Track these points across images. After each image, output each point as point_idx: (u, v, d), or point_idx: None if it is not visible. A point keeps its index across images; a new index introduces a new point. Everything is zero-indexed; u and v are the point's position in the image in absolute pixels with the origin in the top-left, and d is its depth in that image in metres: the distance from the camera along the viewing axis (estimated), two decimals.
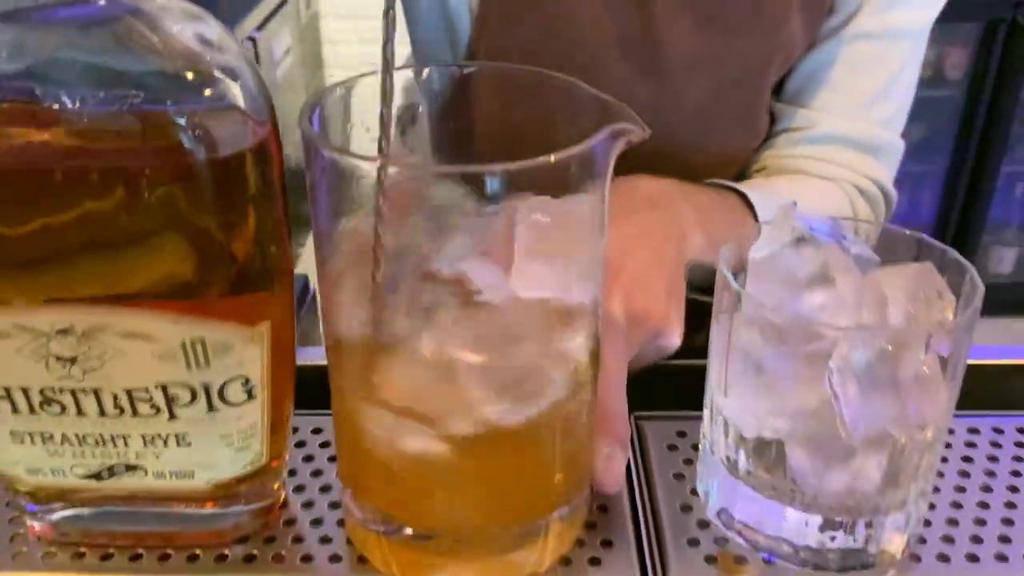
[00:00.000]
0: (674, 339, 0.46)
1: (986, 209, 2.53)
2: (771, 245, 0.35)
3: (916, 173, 2.61)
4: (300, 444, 0.43)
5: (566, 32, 0.65)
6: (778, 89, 0.71)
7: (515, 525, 0.35)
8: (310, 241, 0.33)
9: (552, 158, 0.27)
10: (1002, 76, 2.35)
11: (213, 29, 0.31)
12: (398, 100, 0.36)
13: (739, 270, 0.36)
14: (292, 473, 0.41)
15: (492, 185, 0.28)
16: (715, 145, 0.68)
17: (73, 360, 0.32)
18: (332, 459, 0.42)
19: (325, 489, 0.40)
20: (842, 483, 0.35)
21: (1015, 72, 2.33)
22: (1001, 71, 2.35)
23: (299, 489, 0.40)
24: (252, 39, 1.78)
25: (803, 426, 0.35)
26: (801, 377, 0.34)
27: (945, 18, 2.09)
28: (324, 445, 0.43)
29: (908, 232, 0.38)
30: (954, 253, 0.36)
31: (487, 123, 0.36)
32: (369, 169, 0.29)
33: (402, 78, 0.36)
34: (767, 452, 0.36)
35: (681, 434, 0.44)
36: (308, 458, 0.42)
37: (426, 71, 0.36)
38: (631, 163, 0.56)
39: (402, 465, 0.33)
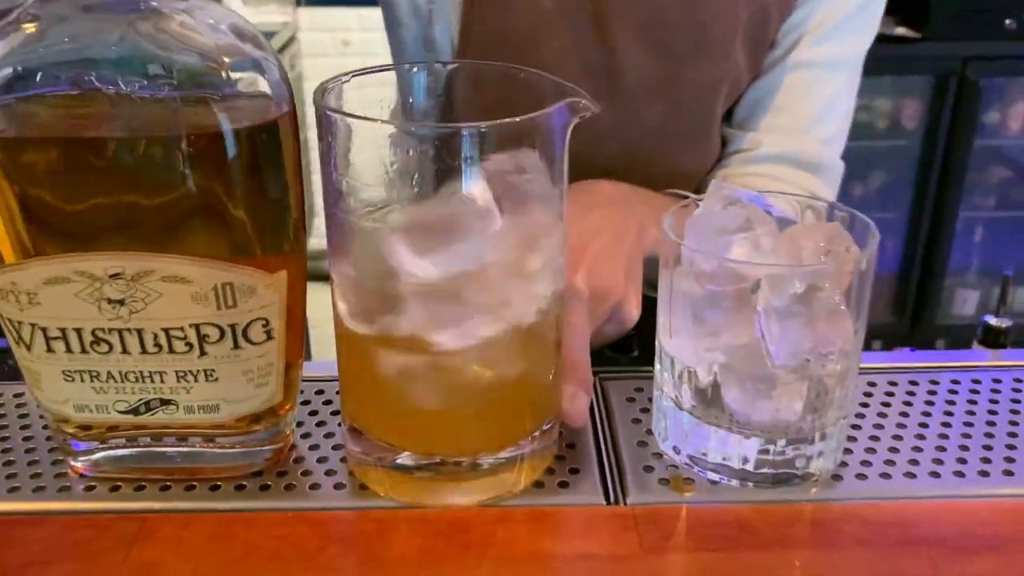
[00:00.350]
0: (632, 312, 0.53)
1: (947, 253, 2.63)
2: (705, 208, 0.42)
3: (878, 220, 2.68)
4: (306, 403, 0.49)
5: (536, 63, 0.73)
6: (728, 116, 0.79)
7: (495, 449, 0.41)
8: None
9: (518, 119, 0.34)
10: (954, 127, 2.47)
11: (247, 27, 0.38)
12: (392, 95, 0.43)
13: (679, 233, 0.43)
14: (300, 424, 0.47)
15: (468, 142, 0.35)
16: (670, 163, 0.76)
17: (121, 302, 0.38)
18: (335, 413, 0.48)
19: (329, 435, 0.46)
20: (770, 410, 0.42)
21: (966, 123, 2.45)
22: (953, 122, 2.47)
23: (306, 436, 0.46)
24: None
25: (734, 359, 0.41)
26: (731, 315, 0.41)
27: (899, 72, 2.27)
28: (327, 403, 0.49)
29: (822, 201, 0.45)
30: (860, 215, 0.43)
31: (466, 110, 0.43)
32: (365, 124, 0.36)
33: (392, 76, 0.43)
34: (706, 386, 0.42)
35: (639, 389, 0.50)
36: (313, 412, 0.48)
37: (415, 68, 0.43)
38: (596, 175, 0.64)
39: (398, 389, 0.40)
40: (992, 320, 0.92)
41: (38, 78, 0.36)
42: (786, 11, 0.74)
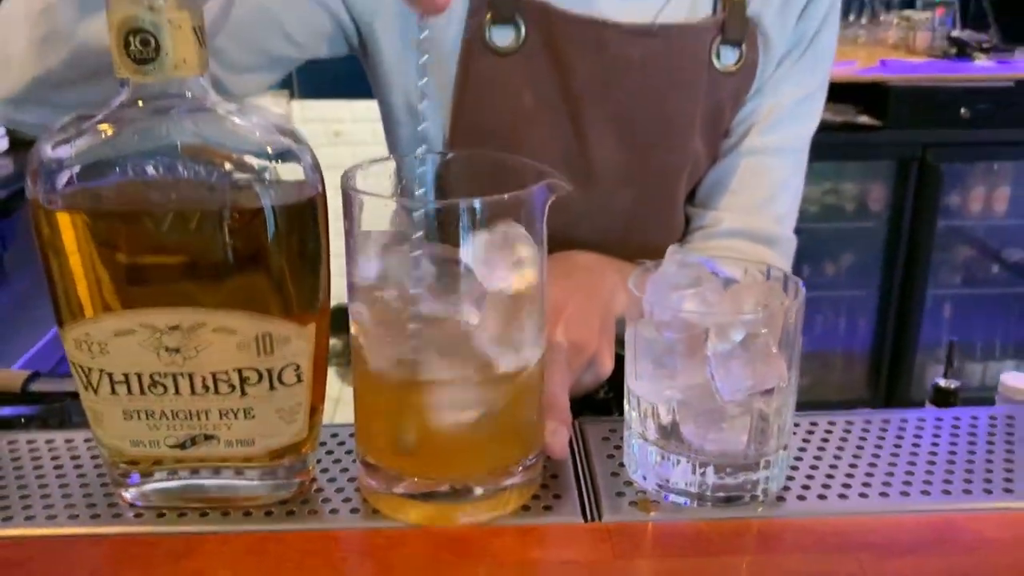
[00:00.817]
0: (606, 364, 0.61)
1: (917, 330, 2.72)
2: (663, 269, 0.51)
3: (850, 298, 2.82)
4: (323, 444, 0.56)
5: (518, 153, 0.82)
6: (691, 196, 0.89)
7: (489, 477, 0.49)
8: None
9: (506, 196, 0.43)
10: (918, 209, 2.60)
11: (286, 124, 0.47)
12: (395, 182, 0.52)
13: (642, 290, 0.51)
14: (319, 461, 0.54)
15: (465, 215, 0.43)
16: (640, 240, 0.84)
17: (177, 350, 0.45)
18: (349, 452, 0.55)
19: (344, 470, 0.53)
20: (720, 441, 0.49)
21: (929, 205, 2.58)
22: (917, 204, 2.60)
23: (324, 470, 0.53)
24: None
25: (689, 397, 0.49)
26: (685, 359, 0.49)
27: (864, 158, 2.44)
28: (341, 444, 0.56)
29: (762, 265, 0.53)
30: (792, 276, 0.52)
31: (461, 192, 0.52)
32: (382, 202, 0.44)
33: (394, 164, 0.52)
34: (667, 422, 0.50)
35: (612, 430, 0.58)
36: (330, 452, 0.55)
37: (420, 158, 0.52)
38: (574, 249, 0.72)
39: (407, 425, 0.47)
40: (941, 382, 1.00)
41: (115, 167, 0.44)
42: (737, 106, 0.85)
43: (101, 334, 0.45)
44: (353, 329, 0.48)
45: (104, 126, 0.45)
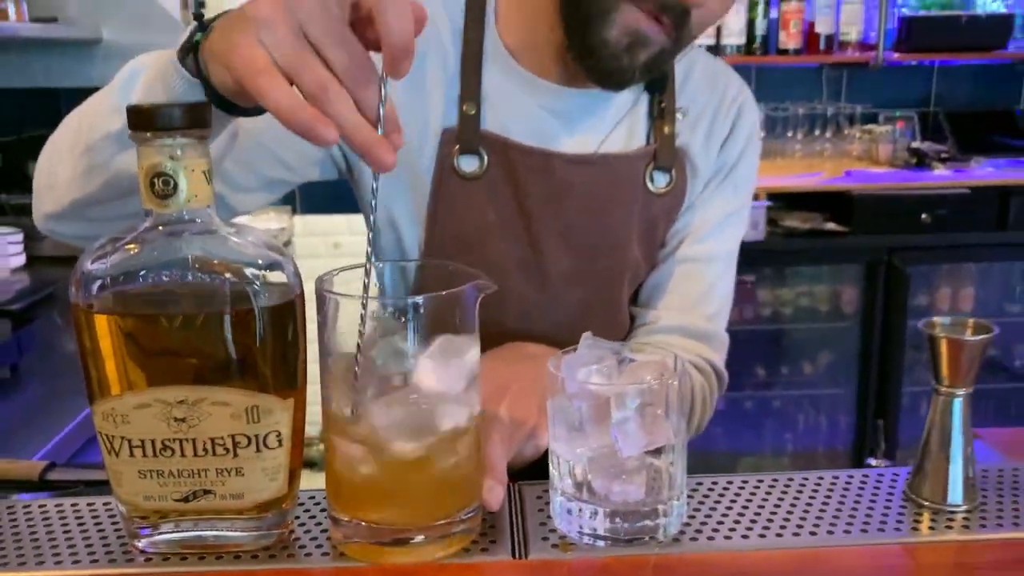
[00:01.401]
0: (544, 438, 0.72)
1: (895, 427, 2.81)
2: (576, 352, 0.63)
3: (829, 396, 2.92)
4: (301, 503, 0.67)
5: (483, 260, 0.95)
6: (635, 298, 1.02)
7: (433, 523, 0.60)
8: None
9: (444, 293, 0.56)
10: (888, 309, 2.73)
11: (273, 241, 0.60)
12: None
13: (558, 368, 0.63)
14: (296, 517, 0.65)
15: (413, 311, 0.56)
16: None
17: (183, 420, 0.57)
18: (323, 511, 0.66)
19: (318, 524, 0.64)
20: (623, 492, 0.60)
21: (897, 305, 2.71)
22: (886, 305, 2.73)
23: (302, 524, 0.64)
24: None
25: (597, 455, 0.60)
26: (593, 424, 0.60)
27: (834, 262, 2.64)
28: (316, 504, 0.67)
29: (660, 350, 0.65)
30: (681, 356, 0.63)
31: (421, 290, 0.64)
32: (352, 303, 0.57)
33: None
34: (581, 478, 0.61)
35: (545, 490, 0.68)
36: (306, 511, 0.66)
37: (383, 265, 0.64)
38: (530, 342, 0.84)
39: (365, 481, 0.58)
40: (872, 461, 1.10)
41: (138, 277, 0.57)
42: (670, 221, 0.98)
43: (124, 408, 0.57)
44: (322, 402, 0.60)
45: (131, 246, 0.58)
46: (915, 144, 2.94)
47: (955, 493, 0.64)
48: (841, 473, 0.70)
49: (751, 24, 2.81)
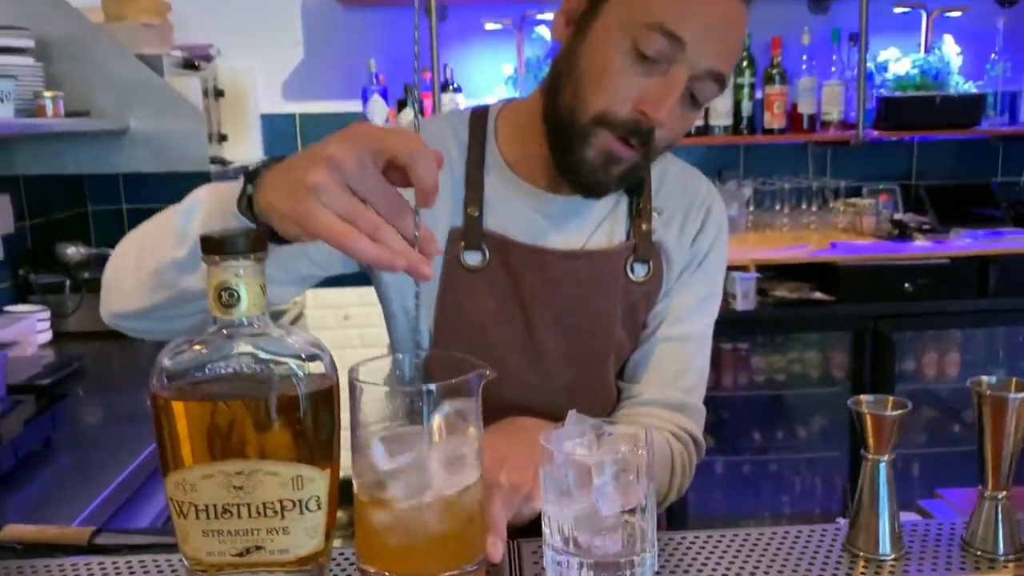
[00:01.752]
0: (538, 502, 0.84)
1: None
2: (564, 426, 0.76)
3: (823, 459, 3.02)
4: (334, 559, 0.79)
5: (484, 344, 1.08)
6: (621, 374, 1.15)
7: (445, 573, 0.72)
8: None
9: (453, 381, 0.69)
10: (875, 374, 2.84)
11: (314, 338, 0.73)
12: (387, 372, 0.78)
13: (548, 441, 0.76)
14: (331, 570, 0.77)
15: (428, 395, 0.69)
16: (579, 409, 1.09)
17: (241, 487, 0.70)
18: (352, 564, 0.78)
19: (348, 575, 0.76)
20: (604, 546, 0.72)
21: (885, 371, 2.82)
22: (874, 371, 2.84)
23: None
24: None
25: (581, 515, 0.73)
26: (577, 488, 0.73)
27: (823, 329, 2.80)
28: (346, 559, 0.79)
29: (638, 425, 0.78)
30: (651, 430, 0.76)
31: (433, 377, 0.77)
32: (377, 389, 0.70)
33: (388, 360, 0.78)
34: (568, 534, 0.73)
35: (539, 547, 0.80)
36: (339, 564, 0.78)
37: (402, 356, 0.78)
38: (528, 416, 0.97)
39: (385, 535, 0.71)
40: (840, 520, 1.21)
41: (205, 369, 0.70)
42: (650, 306, 1.12)
43: (192, 478, 0.70)
44: (352, 471, 0.73)
45: (199, 346, 0.71)
46: (897, 216, 3.08)
47: (884, 544, 0.76)
48: (791, 528, 0.82)
49: (737, 106, 2.99)
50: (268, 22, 3.05)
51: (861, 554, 0.77)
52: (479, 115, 1.11)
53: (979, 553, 0.77)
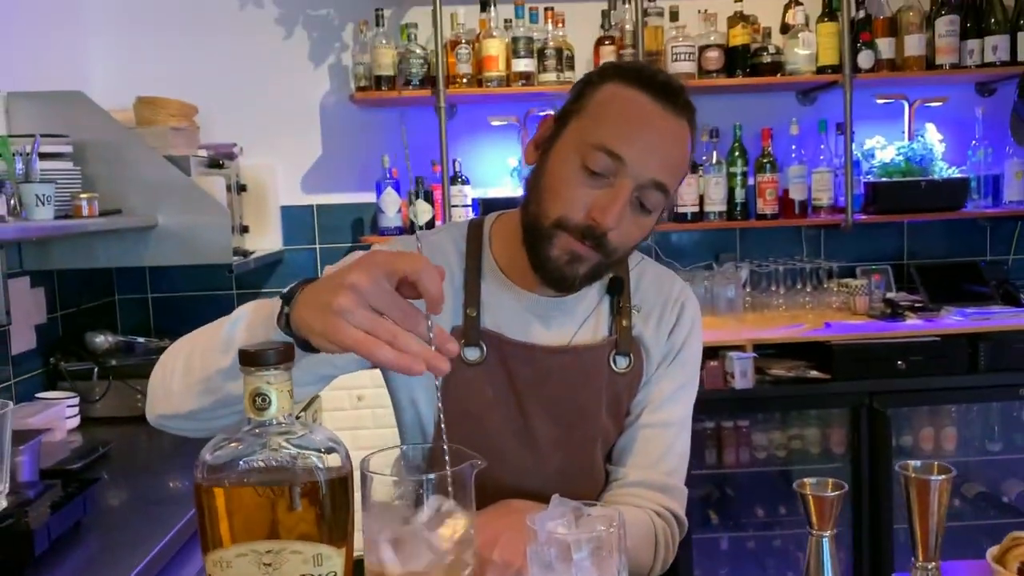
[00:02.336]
0: None
1: (891, 564, 2.95)
2: (548, 509, 0.88)
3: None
4: None
5: (483, 430, 1.21)
6: (609, 458, 1.26)
7: None
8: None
9: (448, 473, 0.81)
10: (873, 450, 2.92)
11: (333, 434, 0.86)
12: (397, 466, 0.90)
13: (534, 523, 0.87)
14: None
15: (428, 484, 0.81)
16: (570, 491, 1.19)
17: (269, 564, 0.81)
18: None
19: None
20: None
21: (882, 446, 2.90)
22: (872, 446, 2.92)
23: None
24: None
25: None
26: (559, 562, 0.84)
27: (820, 406, 2.95)
28: None
29: (616, 508, 0.90)
30: (621, 511, 0.88)
31: (435, 467, 0.90)
32: (384, 479, 0.82)
33: (395, 453, 0.90)
34: None
35: None
36: None
37: (407, 448, 0.90)
38: (521, 498, 1.09)
39: None
40: None
41: (240, 462, 0.83)
42: (632, 394, 1.24)
43: (228, 556, 0.82)
44: (364, 548, 0.84)
45: (235, 443, 0.84)
46: (889, 295, 3.20)
47: None
48: None
49: (731, 193, 3.14)
50: (288, 121, 3.25)
51: None
52: (476, 226, 1.25)
53: None
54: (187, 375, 1.02)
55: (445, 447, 0.88)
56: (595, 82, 1.13)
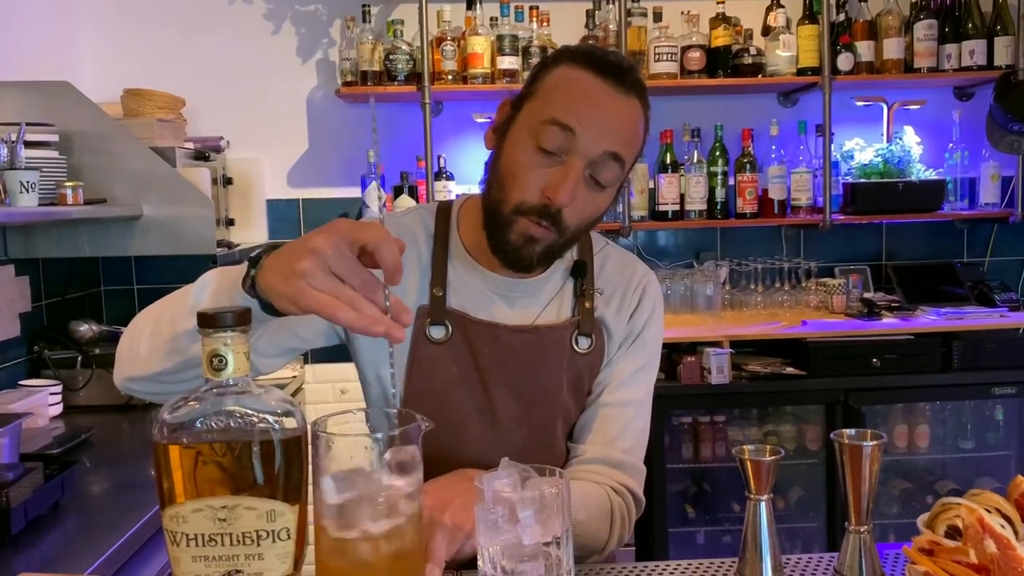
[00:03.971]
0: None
1: None
2: (496, 471, 0.91)
3: (802, 529, 3.12)
4: None
5: (448, 407, 1.24)
6: (570, 435, 1.30)
7: None
8: None
9: (398, 431, 0.84)
10: None
11: (289, 398, 0.89)
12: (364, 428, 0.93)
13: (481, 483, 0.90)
14: None
15: (383, 440, 0.84)
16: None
17: (224, 519, 0.85)
18: None
19: None
20: (527, 571, 0.87)
21: None
22: None
23: None
24: None
25: (508, 545, 0.87)
26: (505, 521, 0.87)
27: (796, 403, 3.00)
28: None
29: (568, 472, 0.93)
30: (565, 476, 0.91)
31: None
32: (333, 438, 0.85)
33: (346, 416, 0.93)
34: (496, 561, 0.88)
35: None
36: None
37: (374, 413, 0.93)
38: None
39: (340, 561, 0.85)
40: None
41: (196, 422, 0.86)
42: (593, 374, 1.27)
43: (184, 511, 0.85)
44: (313, 507, 0.88)
45: (193, 402, 0.87)
46: (867, 295, 3.24)
47: (766, 571, 0.90)
48: (692, 562, 0.96)
49: (712, 192, 3.18)
50: (275, 115, 3.29)
51: None
52: (444, 208, 1.29)
53: None
54: (154, 337, 1.05)
55: (397, 411, 0.91)
56: (548, 65, 1.17)
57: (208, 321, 0.84)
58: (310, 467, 0.88)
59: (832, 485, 3.01)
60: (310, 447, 0.88)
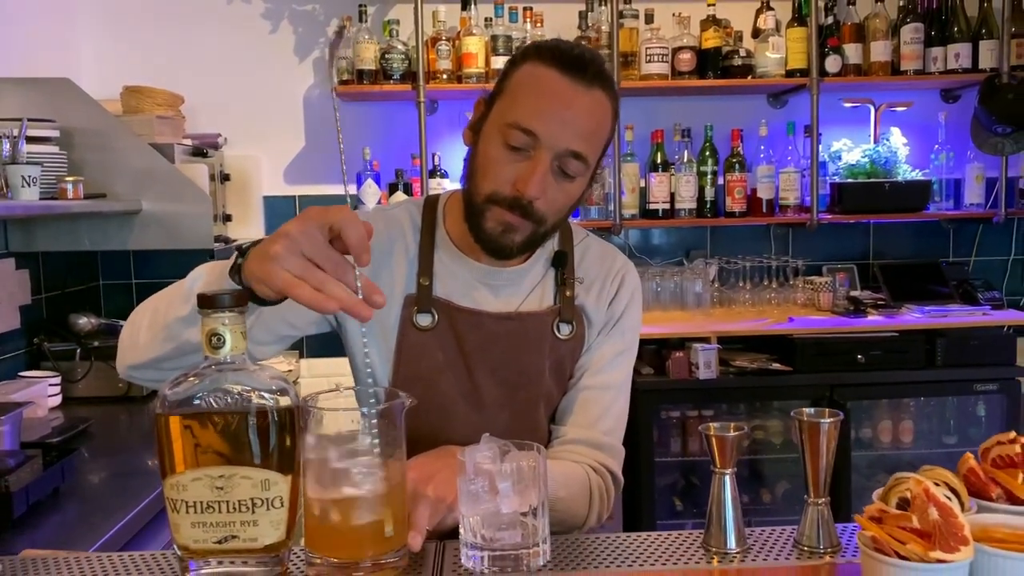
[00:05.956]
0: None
1: None
2: (478, 445, 0.97)
3: (788, 522, 3.16)
4: (293, 551, 0.98)
5: (435, 391, 1.29)
6: (552, 418, 1.35)
7: (372, 558, 0.91)
8: None
9: (382, 406, 0.90)
10: None
11: (283, 376, 0.95)
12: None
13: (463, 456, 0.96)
14: (291, 559, 0.97)
15: (369, 415, 0.90)
16: None
17: (222, 488, 0.90)
18: (302, 560, 0.97)
19: (300, 564, 0.96)
20: (506, 538, 0.92)
21: (842, 437, 2.97)
22: None
23: (293, 564, 0.96)
24: None
25: (488, 514, 0.93)
26: (486, 491, 0.93)
27: (781, 398, 3.07)
28: (303, 550, 0.99)
29: (543, 446, 0.99)
30: (543, 451, 0.97)
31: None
32: (322, 413, 0.91)
33: (350, 394, 0.99)
34: (476, 528, 0.93)
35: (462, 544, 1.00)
36: (297, 555, 0.98)
37: (361, 391, 0.99)
38: None
39: (325, 524, 0.91)
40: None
41: (196, 397, 0.91)
42: (574, 359, 1.33)
43: (184, 480, 0.90)
44: (302, 477, 0.93)
45: (192, 379, 0.92)
46: (853, 293, 3.30)
47: (730, 540, 0.96)
48: (662, 533, 1.02)
49: (701, 191, 3.24)
50: (273, 113, 3.34)
51: (713, 549, 0.96)
52: (431, 202, 1.34)
53: (805, 547, 0.96)
54: (152, 326, 1.11)
55: (375, 390, 0.97)
56: (516, 62, 1.22)
57: (207, 302, 0.89)
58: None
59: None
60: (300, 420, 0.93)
